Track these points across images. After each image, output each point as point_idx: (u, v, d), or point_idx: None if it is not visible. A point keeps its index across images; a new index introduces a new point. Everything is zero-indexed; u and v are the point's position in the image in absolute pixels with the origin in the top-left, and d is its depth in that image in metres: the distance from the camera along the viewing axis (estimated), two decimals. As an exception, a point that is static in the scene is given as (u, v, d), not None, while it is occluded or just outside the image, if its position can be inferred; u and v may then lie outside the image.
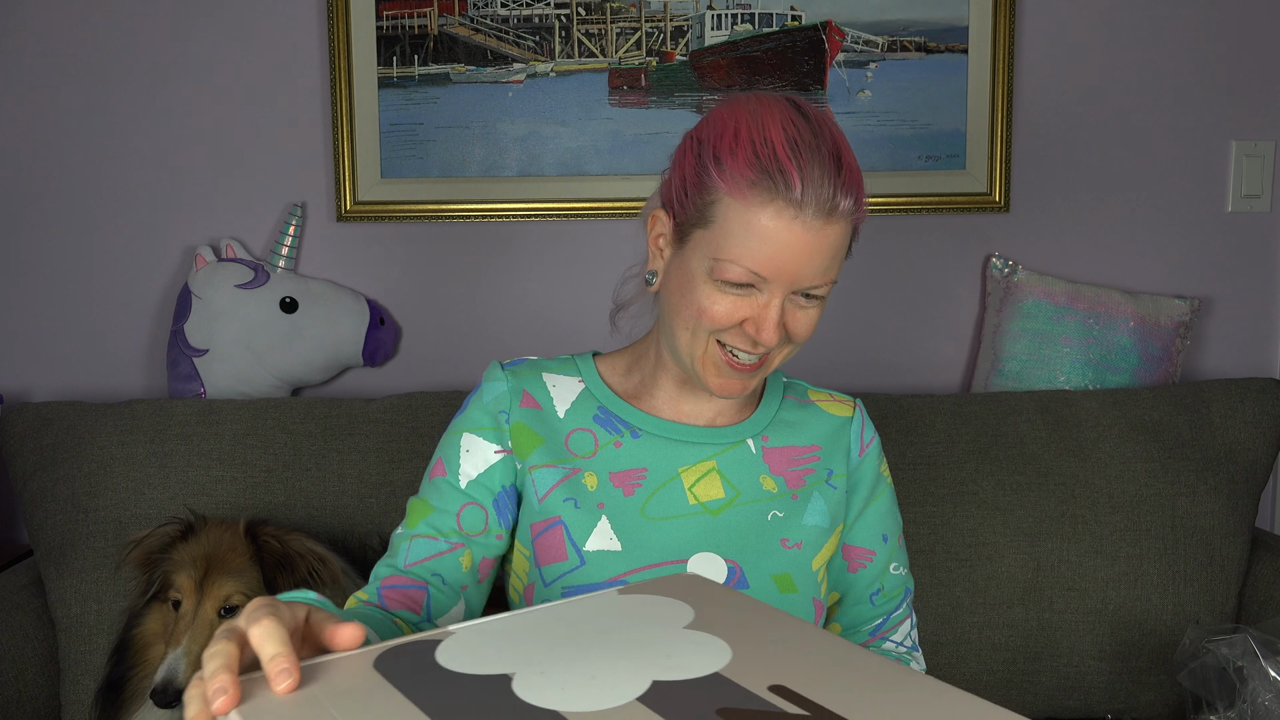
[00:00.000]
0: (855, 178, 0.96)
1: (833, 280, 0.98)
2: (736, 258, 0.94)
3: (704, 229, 0.97)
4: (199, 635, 1.34)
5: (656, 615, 0.71)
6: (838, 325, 1.99)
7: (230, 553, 1.39)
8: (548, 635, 0.67)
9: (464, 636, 0.67)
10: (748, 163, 0.93)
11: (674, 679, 0.60)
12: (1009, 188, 1.94)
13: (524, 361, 1.12)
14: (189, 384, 1.84)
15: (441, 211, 1.94)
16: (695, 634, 0.67)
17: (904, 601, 1.19)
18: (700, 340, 1.00)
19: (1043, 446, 1.70)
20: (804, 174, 0.92)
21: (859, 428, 1.14)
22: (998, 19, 1.89)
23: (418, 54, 1.91)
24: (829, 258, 0.95)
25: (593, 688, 0.59)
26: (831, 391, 1.18)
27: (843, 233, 0.96)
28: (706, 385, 1.02)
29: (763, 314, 0.96)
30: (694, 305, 0.98)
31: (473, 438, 1.07)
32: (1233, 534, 1.69)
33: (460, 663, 0.63)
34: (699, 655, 0.63)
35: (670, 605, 0.72)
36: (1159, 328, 1.88)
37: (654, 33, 1.91)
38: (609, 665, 0.62)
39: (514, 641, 0.66)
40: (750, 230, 0.94)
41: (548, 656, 0.64)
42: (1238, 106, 1.95)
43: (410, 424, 1.70)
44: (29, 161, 1.95)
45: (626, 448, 1.06)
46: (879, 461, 1.16)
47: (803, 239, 0.93)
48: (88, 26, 1.92)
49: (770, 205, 0.93)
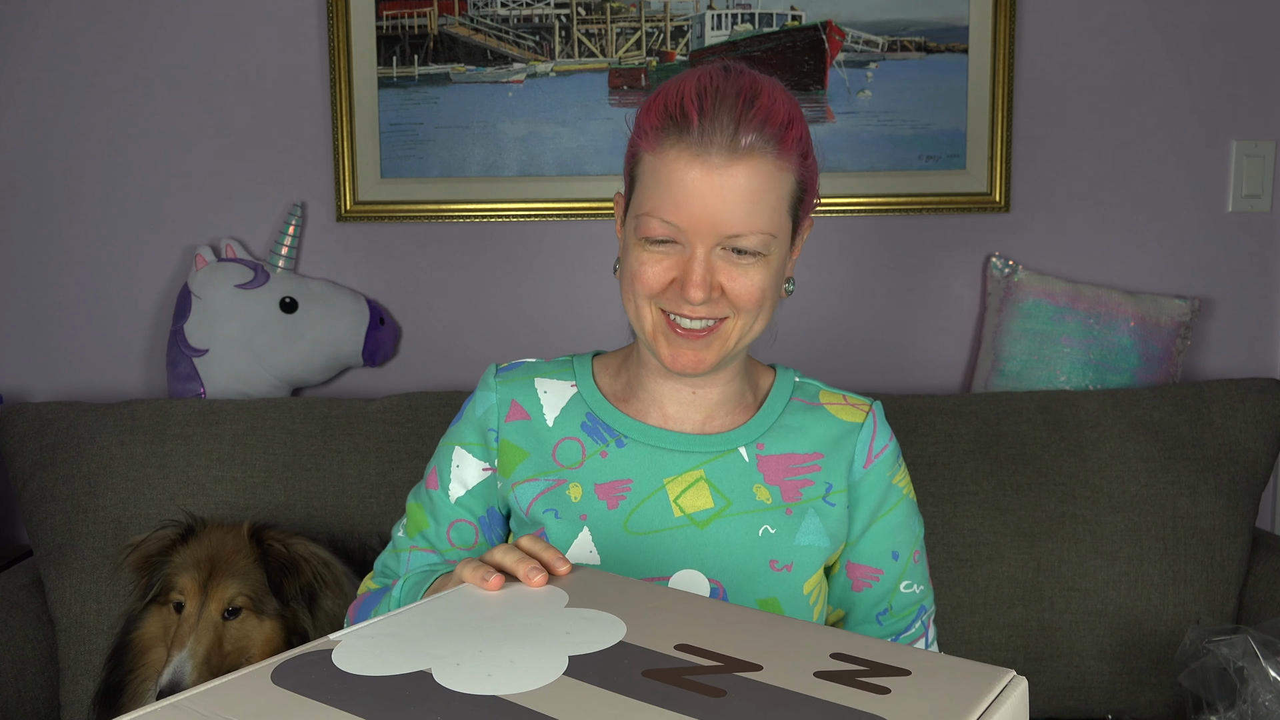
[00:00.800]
0: (772, 117, 0.93)
1: (765, 232, 0.94)
2: (652, 209, 0.94)
3: (632, 193, 0.98)
4: (203, 636, 1.34)
5: (533, 599, 0.72)
6: (838, 325, 1.99)
7: (234, 555, 1.39)
8: (439, 631, 0.67)
9: (352, 642, 0.65)
10: (657, 114, 0.95)
11: (586, 652, 0.62)
12: (1009, 188, 1.94)
13: (520, 365, 1.10)
14: (189, 384, 1.84)
15: (441, 211, 1.94)
16: (582, 610, 0.69)
17: (917, 620, 1.10)
18: (645, 310, 0.98)
19: (1043, 446, 1.70)
20: (703, 113, 0.91)
21: (868, 435, 1.06)
22: (998, 19, 1.89)
23: (418, 54, 1.91)
24: (747, 202, 0.92)
25: (516, 671, 0.60)
26: (846, 393, 1.10)
27: (760, 175, 0.93)
28: (662, 360, 0.99)
29: (688, 268, 0.94)
30: (630, 272, 0.97)
31: (463, 453, 1.08)
32: (1233, 534, 1.69)
33: (365, 665, 0.61)
34: (597, 629, 0.65)
35: (540, 589, 0.74)
36: (1159, 328, 1.88)
37: (654, 33, 1.91)
38: (518, 649, 0.63)
39: (407, 640, 0.65)
40: (659, 179, 0.94)
41: (452, 649, 0.64)
42: (1238, 106, 1.95)
43: (410, 424, 1.70)
44: (29, 161, 1.94)
45: (612, 457, 1.03)
46: (891, 471, 1.07)
47: (709, 180, 0.92)
48: (88, 27, 1.92)
49: (673, 149, 0.93)
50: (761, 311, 0.98)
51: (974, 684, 0.57)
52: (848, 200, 1.93)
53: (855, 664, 0.60)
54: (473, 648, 0.63)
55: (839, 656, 0.61)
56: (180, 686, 1.29)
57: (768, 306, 0.99)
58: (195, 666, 1.32)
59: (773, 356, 1.19)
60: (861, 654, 0.61)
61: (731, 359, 1.02)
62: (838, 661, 0.60)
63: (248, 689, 0.59)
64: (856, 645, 0.63)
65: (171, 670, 1.31)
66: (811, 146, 1.00)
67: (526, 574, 0.76)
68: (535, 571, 0.76)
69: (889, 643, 0.64)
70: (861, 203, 1.93)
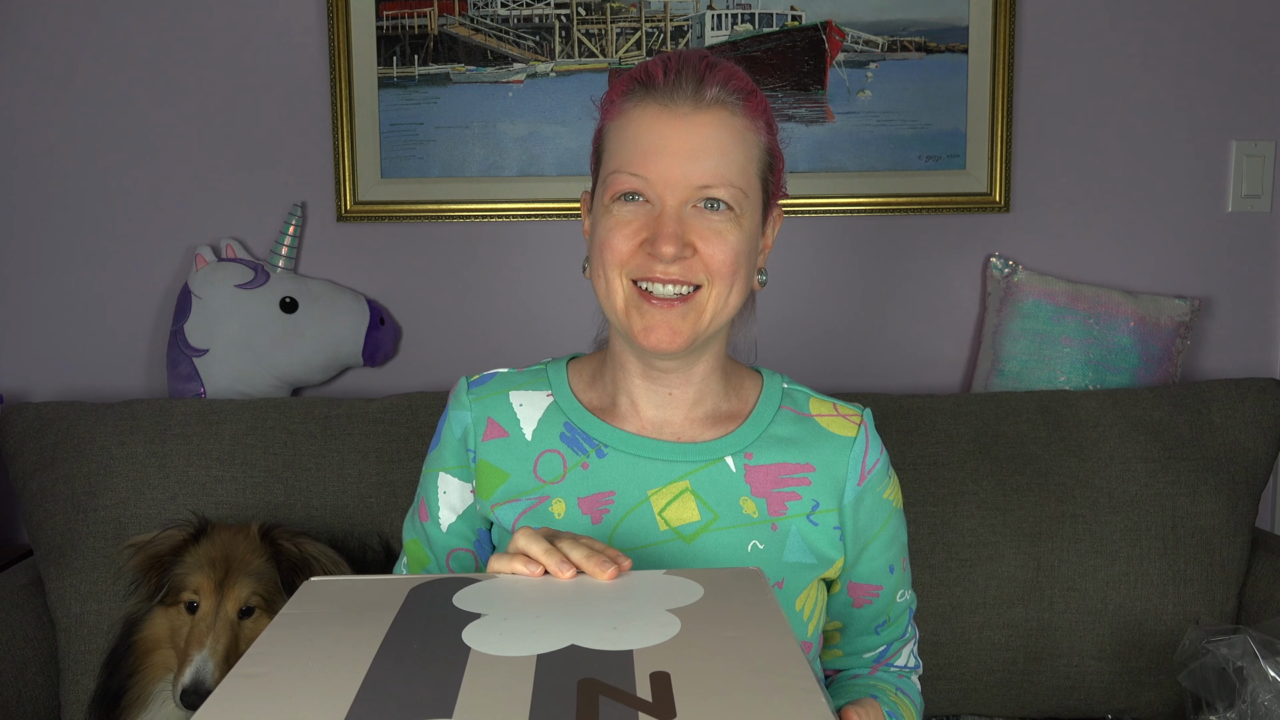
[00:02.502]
0: (735, 78, 0.95)
1: (736, 186, 0.93)
2: (620, 165, 0.95)
3: (599, 170, 0.99)
4: (221, 635, 1.34)
5: (661, 592, 0.73)
6: (837, 325, 1.99)
7: (249, 554, 1.39)
8: (564, 594, 0.72)
9: (499, 584, 0.75)
10: (621, 85, 0.97)
11: (591, 648, 0.63)
12: (1009, 188, 1.94)
13: (493, 378, 1.07)
14: (189, 384, 1.84)
15: (441, 211, 1.94)
16: (664, 615, 0.69)
17: (908, 624, 1.13)
18: (616, 284, 0.95)
19: (1043, 446, 1.70)
20: (668, 71, 0.94)
21: (860, 451, 1.03)
22: (998, 19, 1.89)
23: (418, 54, 1.91)
24: (715, 153, 0.93)
25: (519, 637, 0.64)
26: (836, 402, 1.07)
27: (728, 129, 0.94)
28: (635, 337, 0.95)
29: (659, 223, 0.93)
30: (600, 243, 0.96)
31: (447, 478, 1.06)
32: (1233, 534, 1.69)
33: (465, 601, 0.70)
34: (638, 632, 0.66)
35: (688, 586, 0.74)
36: (1159, 328, 1.88)
37: (654, 33, 1.91)
38: (557, 625, 0.66)
39: (529, 595, 0.72)
40: (627, 137, 0.95)
41: (528, 608, 0.69)
42: (1238, 106, 1.95)
43: (410, 424, 1.70)
44: (29, 162, 1.94)
45: (593, 469, 1.00)
46: (884, 485, 1.05)
47: (675, 128, 0.93)
48: (88, 27, 1.92)
49: (638, 106, 0.95)
50: (735, 281, 0.96)
51: None
52: (848, 200, 1.93)
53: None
54: (539, 612, 0.69)
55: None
56: (203, 686, 1.29)
57: (742, 278, 0.97)
58: (217, 665, 1.31)
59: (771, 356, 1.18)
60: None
61: (706, 338, 0.98)
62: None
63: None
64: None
65: (194, 670, 1.30)
66: (777, 129, 1.01)
67: (598, 567, 0.77)
68: (608, 564, 0.77)
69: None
70: (861, 203, 1.93)
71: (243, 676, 0.61)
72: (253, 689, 0.59)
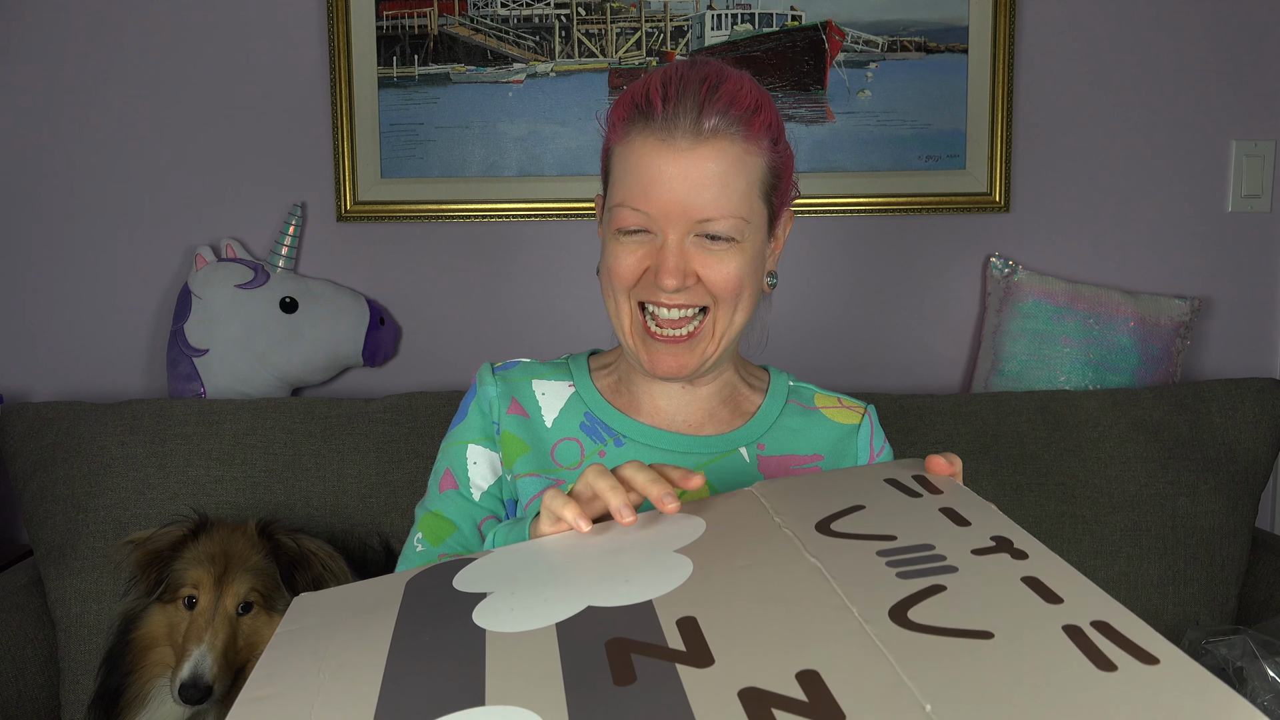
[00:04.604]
0: (738, 100, 0.93)
1: (737, 216, 0.93)
2: (624, 199, 0.95)
3: (607, 190, 0.99)
4: (220, 630, 1.34)
5: (663, 534, 0.70)
6: (838, 325, 1.99)
7: (247, 550, 1.40)
8: (564, 555, 0.70)
9: (496, 558, 0.72)
10: (625, 107, 0.96)
11: (607, 605, 0.61)
12: (1009, 188, 1.94)
13: (516, 365, 1.10)
14: (189, 384, 1.84)
15: (441, 211, 1.94)
16: (673, 557, 0.67)
17: None
18: (623, 307, 0.98)
19: (1043, 446, 1.70)
20: (667, 100, 0.93)
21: (867, 436, 1.07)
22: (998, 19, 1.89)
23: (418, 54, 1.91)
24: (716, 186, 0.92)
25: (532, 610, 0.61)
26: (840, 396, 1.11)
27: (728, 158, 0.93)
28: (642, 365, 0.99)
29: (660, 255, 0.94)
30: (607, 269, 0.98)
31: (477, 449, 1.06)
32: (1233, 534, 1.69)
33: (466, 583, 0.67)
34: (652, 580, 0.63)
35: (688, 523, 0.72)
36: (1159, 328, 1.88)
37: (654, 33, 1.91)
38: (567, 588, 0.64)
39: (530, 563, 0.69)
40: (629, 168, 0.95)
41: (533, 577, 0.67)
42: (1238, 106, 1.95)
43: (410, 424, 1.70)
44: (29, 162, 1.95)
45: (610, 457, 1.02)
46: None
47: (676, 163, 0.92)
48: (88, 27, 1.92)
49: (639, 136, 0.94)
50: (741, 302, 0.97)
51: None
52: (848, 200, 1.93)
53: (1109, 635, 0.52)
54: (546, 579, 0.67)
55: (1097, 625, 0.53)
56: (202, 680, 1.30)
57: (747, 297, 0.98)
58: (215, 660, 1.32)
59: (772, 355, 1.19)
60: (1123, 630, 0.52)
61: (715, 362, 1.01)
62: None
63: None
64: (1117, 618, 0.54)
65: (193, 664, 1.31)
66: (784, 134, 1.00)
67: (660, 498, 0.74)
68: (669, 498, 0.73)
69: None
70: (861, 203, 1.93)
71: (251, 701, 0.57)
72: (265, 712, 0.56)
